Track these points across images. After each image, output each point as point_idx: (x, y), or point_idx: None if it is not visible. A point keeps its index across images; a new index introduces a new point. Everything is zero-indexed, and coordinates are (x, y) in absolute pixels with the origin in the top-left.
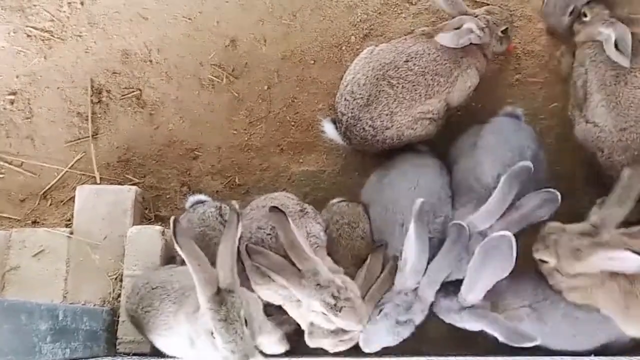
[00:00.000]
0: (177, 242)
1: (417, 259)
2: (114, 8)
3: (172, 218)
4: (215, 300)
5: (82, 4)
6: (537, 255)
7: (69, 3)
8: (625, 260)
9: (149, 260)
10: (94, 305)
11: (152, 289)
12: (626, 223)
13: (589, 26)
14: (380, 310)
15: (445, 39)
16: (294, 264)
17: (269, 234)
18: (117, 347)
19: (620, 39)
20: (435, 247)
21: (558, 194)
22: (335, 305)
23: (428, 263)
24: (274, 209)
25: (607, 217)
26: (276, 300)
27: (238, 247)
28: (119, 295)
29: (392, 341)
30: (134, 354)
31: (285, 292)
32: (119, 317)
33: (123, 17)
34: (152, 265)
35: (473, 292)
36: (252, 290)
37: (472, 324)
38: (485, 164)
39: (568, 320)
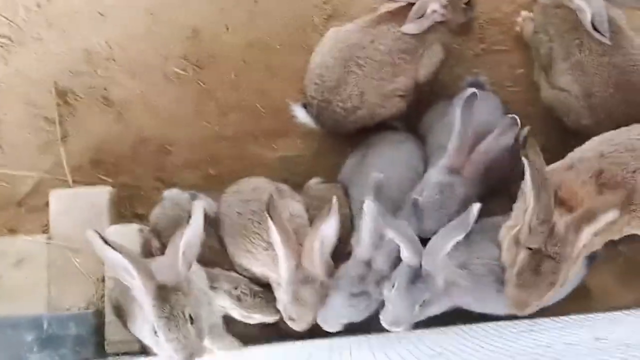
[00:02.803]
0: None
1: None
2: (72, 7)
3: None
4: (158, 297)
5: (38, 6)
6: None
7: (25, 6)
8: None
9: None
10: (79, 309)
11: None
12: None
13: None
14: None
15: (410, 29)
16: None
17: (250, 219)
18: (106, 347)
19: (597, 14)
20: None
21: (517, 117)
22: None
23: None
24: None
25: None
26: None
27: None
28: (102, 296)
29: (350, 315)
30: (124, 353)
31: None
32: (104, 318)
33: (82, 16)
34: None
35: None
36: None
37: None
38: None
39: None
